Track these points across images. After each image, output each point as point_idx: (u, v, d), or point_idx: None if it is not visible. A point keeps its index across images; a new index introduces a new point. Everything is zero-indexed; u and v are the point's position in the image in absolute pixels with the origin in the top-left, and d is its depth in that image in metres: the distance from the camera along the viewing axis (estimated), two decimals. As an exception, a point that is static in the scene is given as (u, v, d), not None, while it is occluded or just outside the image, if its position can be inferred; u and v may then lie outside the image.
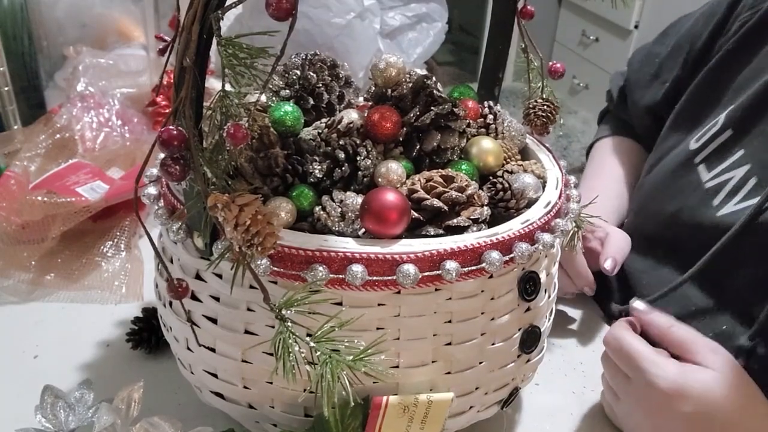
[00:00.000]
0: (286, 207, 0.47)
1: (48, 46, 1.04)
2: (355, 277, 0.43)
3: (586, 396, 0.66)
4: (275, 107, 0.52)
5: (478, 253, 0.45)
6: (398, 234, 0.45)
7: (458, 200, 0.48)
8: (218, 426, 0.51)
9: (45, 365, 0.64)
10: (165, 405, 0.60)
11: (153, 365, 0.64)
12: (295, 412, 0.50)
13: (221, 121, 0.40)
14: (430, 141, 0.53)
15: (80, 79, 0.97)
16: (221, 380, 0.51)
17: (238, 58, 0.37)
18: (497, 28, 0.61)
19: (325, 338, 0.39)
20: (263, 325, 0.47)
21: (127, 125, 0.95)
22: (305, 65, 0.58)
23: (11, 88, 0.92)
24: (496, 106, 0.61)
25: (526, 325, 0.52)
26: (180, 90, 0.39)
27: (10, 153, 0.87)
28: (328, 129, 0.53)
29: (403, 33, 1.16)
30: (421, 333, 0.47)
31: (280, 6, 0.35)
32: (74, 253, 0.78)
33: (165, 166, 0.39)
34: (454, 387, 0.50)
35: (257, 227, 0.38)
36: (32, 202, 0.74)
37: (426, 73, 0.55)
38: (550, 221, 0.50)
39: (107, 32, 1.11)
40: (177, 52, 0.39)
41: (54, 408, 0.50)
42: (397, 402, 0.46)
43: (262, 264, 0.42)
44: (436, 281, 0.45)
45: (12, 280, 0.73)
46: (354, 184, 0.50)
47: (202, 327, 0.50)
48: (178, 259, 0.51)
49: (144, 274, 0.77)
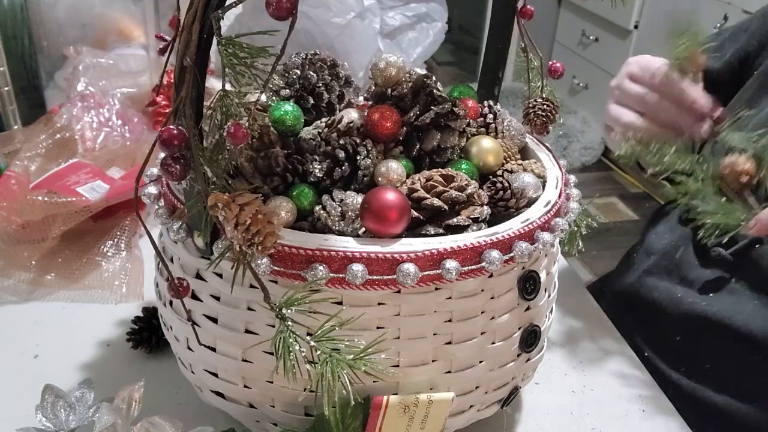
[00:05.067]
0: (287, 206, 0.47)
1: (48, 46, 1.05)
2: (355, 277, 0.43)
3: (586, 395, 0.66)
4: (275, 107, 0.52)
5: (478, 253, 0.45)
6: (398, 233, 0.45)
7: (458, 199, 0.48)
8: (219, 425, 0.52)
9: (45, 365, 0.64)
10: (165, 405, 0.60)
11: (153, 365, 0.64)
12: (295, 412, 0.50)
13: (221, 121, 0.40)
14: (430, 140, 0.53)
15: (80, 79, 0.97)
16: (222, 379, 0.51)
17: (238, 58, 0.37)
18: (497, 28, 0.61)
19: (325, 337, 0.39)
20: (264, 325, 0.47)
21: (128, 125, 0.95)
22: (305, 65, 0.58)
23: (11, 88, 0.92)
24: (496, 106, 0.61)
25: (526, 324, 0.52)
26: (180, 90, 0.39)
27: (11, 153, 0.87)
28: (328, 128, 0.53)
29: (403, 33, 1.16)
30: (422, 332, 0.47)
31: (280, 5, 0.35)
32: (75, 253, 0.78)
33: (165, 166, 0.39)
34: (454, 386, 0.50)
35: (257, 226, 0.38)
36: (32, 202, 0.74)
37: (426, 72, 0.55)
38: (550, 220, 0.50)
39: (107, 32, 1.11)
40: (177, 51, 0.39)
41: (54, 407, 0.50)
42: (397, 402, 0.46)
43: (263, 263, 0.42)
44: (436, 280, 0.45)
45: (12, 280, 0.73)
46: (354, 183, 0.50)
47: (202, 326, 0.50)
48: (178, 259, 0.51)
49: (144, 274, 0.77)
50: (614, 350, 0.72)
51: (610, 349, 0.72)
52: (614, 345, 0.73)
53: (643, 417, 0.64)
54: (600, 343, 0.73)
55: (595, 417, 0.63)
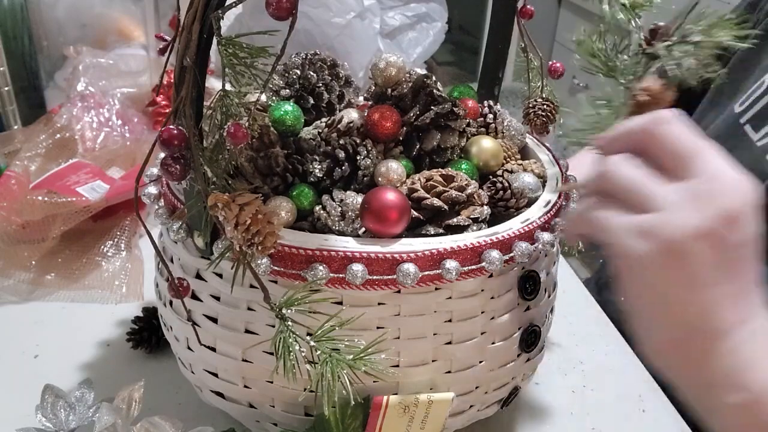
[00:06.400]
0: (287, 206, 0.47)
1: (48, 46, 1.04)
2: (355, 277, 0.43)
3: (586, 395, 0.66)
4: (275, 107, 0.52)
5: (478, 253, 0.45)
6: (398, 233, 0.45)
7: (458, 199, 0.48)
8: (219, 426, 0.51)
9: (45, 365, 0.64)
10: (165, 405, 0.60)
11: (153, 365, 0.64)
12: (295, 412, 0.50)
13: (221, 121, 0.40)
14: (430, 140, 0.53)
15: (80, 79, 0.97)
16: (222, 380, 0.51)
17: (238, 58, 0.37)
18: (497, 27, 0.61)
19: (325, 337, 0.39)
20: (264, 325, 0.47)
21: (128, 125, 0.95)
22: (305, 65, 0.58)
23: (11, 88, 0.92)
24: (496, 106, 0.61)
25: (526, 325, 0.52)
26: (180, 90, 0.39)
27: (10, 153, 0.87)
28: (328, 128, 0.53)
29: (403, 33, 1.15)
30: (422, 332, 0.47)
31: (280, 5, 0.35)
32: (74, 253, 0.78)
33: (165, 166, 0.39)
34: (454, 386, 0.50)
35: (257, 226, 0.38)
36: (32, 202, 0.74)
37: (426, 72, 0.55)
38: (550, 220, 0.50)
39: (107, 32, 1.11)
40: (177, 51, 0.39)
41: (54, 407, 0.50)
42: (397, 402, 0.46)
43: (263, 263, 0.42)
44: (436, 280, 0.45)
45: (12, 280, 0.73)
46: (354, 183, 0.50)
47: (202, 326, 0.50)
48: (178, 259, 0.51)
49: (144, 274, 0.77)
50: (614, 350, 0.72)
51: (610, 349, 0.72)
52: (614, 345, 0.72)
53: (643, 417, 0.64)
54: (600, 343, 0.73)
55: (595, 417, 0.63)
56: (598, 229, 0.41)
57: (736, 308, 0.39)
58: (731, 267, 0.39)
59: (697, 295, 0.39)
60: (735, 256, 0.39)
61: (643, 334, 0.43)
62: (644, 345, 0.43)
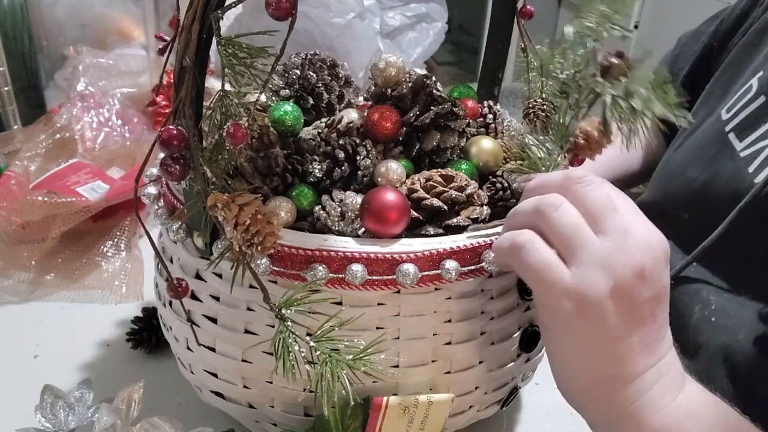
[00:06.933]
0: (286, 206, 0.47)
1: (48, 46, 1.05)
2: (354, 277, 0.43)
3: (586, 395, 0.65)
4: (275, 107, 0.52)
5: (478, 253, 0.45)
6: (398, 233, 0.45)
7: (458, 200, 0.48)
8: (218, 426, 0.51)
9: (45, 365, 0.64)
10: (165, 405, 0.60)
11: (153, 365, 0.64)
12: (295, 412, 0.50)
13: (221, 121, 0.40)
14: (430, 140, 0.53)
15: (80, 79, 0.97)
16: (221, 380, 0.51)
17: (238, 58, 0.37)
18: (497, 28, 0.61)
19: (324, 338, 0.39)
20: (263, 325, 0.47)
21: (127, 125, 0.95)
22: (305, 65, 0.58)
23: (11, 88, 0.92)
24: (495, 106, 0.61)
25: (526, 325, 0.52)
26: (180, 90, 0.39)
27: (10, 153, 0.87)
28: (328, 129, 0.53)
29: (403, 33, 1.16)
30: (421, 332, 0.47)
31: (279, 6, 0.35)
32: (74, 253, 0.78)
33: (165, 166, 0.39)
34: (454, 386, 0.50)
35: (257, 227, 0.38)
36: (32, 202, 0.74)
37: (426, 72, 0.55)
38: (550, 221, 0.50)
39: (107, 32, 1.11)
40: (177, 51, 0.39)
41: (54, 408, 0.50)
42: (397, 402, 0.46)
43: (262, 263, 0.42)
44: (435, 281, 0.45)
45: (12, 280, 0.73)
46: (354, 183, 0.50)
47: (202, 326, 0.50)
48: (178, 259, 0.51)
49: (144, 274, 0.77)
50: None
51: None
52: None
53: (643, 417, 0.63)
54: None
55: (595, 417, 0.63)
56: (531, 277, 0.43)
57: (645, 355, 0.43)
58: (641, 320, 0.42)
59: (611, 348, 0.42)
60: (645, 309, 0.42)
61: (563, 379, 0.46)
62: (562, 389, 0.47)
